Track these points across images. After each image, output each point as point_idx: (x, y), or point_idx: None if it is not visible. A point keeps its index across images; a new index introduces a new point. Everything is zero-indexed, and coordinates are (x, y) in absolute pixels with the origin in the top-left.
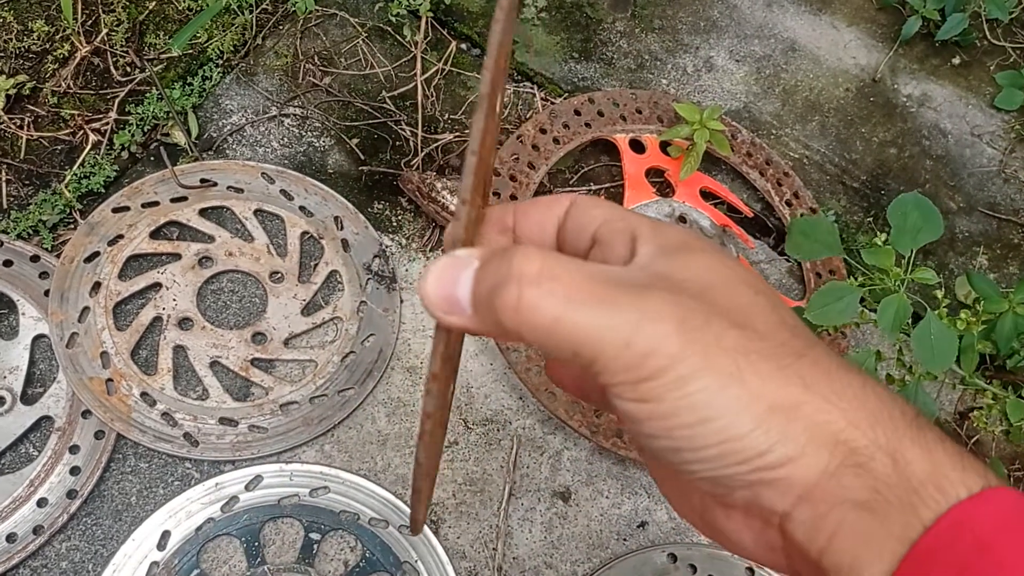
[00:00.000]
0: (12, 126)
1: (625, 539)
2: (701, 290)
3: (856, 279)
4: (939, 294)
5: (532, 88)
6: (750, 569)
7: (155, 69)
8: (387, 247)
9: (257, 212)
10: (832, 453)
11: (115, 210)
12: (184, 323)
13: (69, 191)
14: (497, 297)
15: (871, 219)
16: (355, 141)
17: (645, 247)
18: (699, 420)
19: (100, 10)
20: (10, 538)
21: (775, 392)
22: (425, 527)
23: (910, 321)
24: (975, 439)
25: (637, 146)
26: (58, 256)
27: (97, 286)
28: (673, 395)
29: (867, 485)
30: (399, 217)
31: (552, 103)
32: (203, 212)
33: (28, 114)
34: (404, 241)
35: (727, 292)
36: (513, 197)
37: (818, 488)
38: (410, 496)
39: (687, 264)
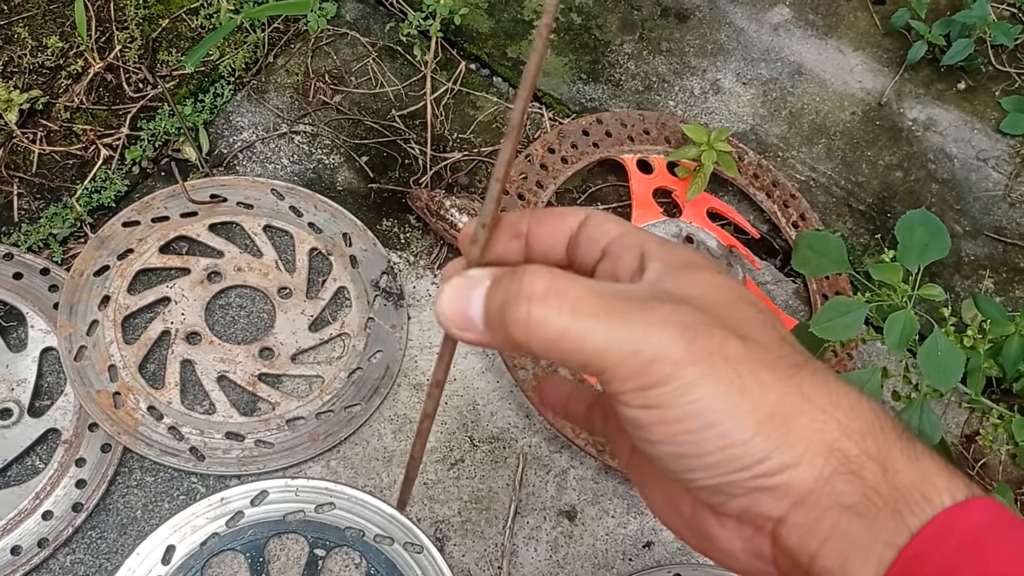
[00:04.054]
0: (25, 140)
1: (631, 559)
2: (705, 304)
3: (863, 296)
4: (946, 312)
5: (540, 108)
6: None
7: (167, 85)
8: (395, 264)
9: (266, 228)
10: (827, 460)
11: (125, 224)
12: (192, 337)
13: (80, 205)
14: (508, 313)
15: (877, 241)
16: (364, 159)
17: (653, 264)
18: (703, 426)
19: (114, 27)
20: (15, 551)
21: (775, 401)
22: (430, 543)
23: (917, 338)
24: (982, 462)
25: (645, 166)
26: (68, 269)
27: (106, 299)
28: (679, 401)
29: (858, 491)
30: (407, 234)
31: (560, 123)
32: (213, 227)
33: (41, 128)
34: (412, 258)
35: (730, 307)
36: None
37: (813, 494)
38: (402, 482)
39: (692, 281)
